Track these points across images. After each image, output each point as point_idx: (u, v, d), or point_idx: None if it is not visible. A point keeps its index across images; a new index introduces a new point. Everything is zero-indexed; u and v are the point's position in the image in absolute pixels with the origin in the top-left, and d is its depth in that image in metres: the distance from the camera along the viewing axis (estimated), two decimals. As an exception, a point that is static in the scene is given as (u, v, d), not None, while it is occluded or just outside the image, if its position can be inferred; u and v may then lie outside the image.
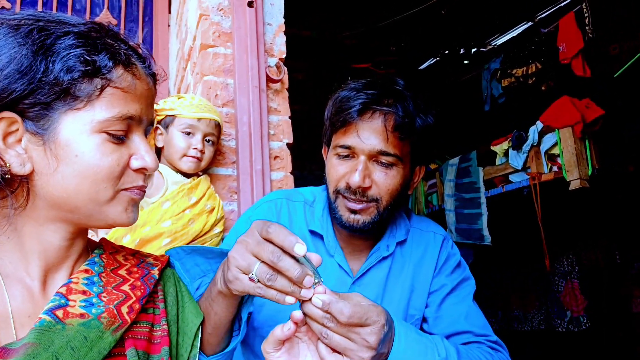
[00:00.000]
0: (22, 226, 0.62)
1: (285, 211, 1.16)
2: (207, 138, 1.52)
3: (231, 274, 0.70)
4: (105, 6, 2.40)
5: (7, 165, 0.58)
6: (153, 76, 0.68)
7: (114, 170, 0.61)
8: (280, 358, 0.74)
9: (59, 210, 0.62)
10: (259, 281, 0.67)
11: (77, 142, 0.59)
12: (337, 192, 1.05)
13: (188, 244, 1.40)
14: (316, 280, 0.68)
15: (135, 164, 0.64)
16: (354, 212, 1.03)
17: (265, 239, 0.68)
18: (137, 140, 0.65)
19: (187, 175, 1.53)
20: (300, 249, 0.65)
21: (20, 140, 0.58)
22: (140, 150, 0.65)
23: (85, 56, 0.58)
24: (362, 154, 1.01)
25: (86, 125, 0.59)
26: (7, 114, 0.57)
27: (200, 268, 0.87)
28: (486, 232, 3.80)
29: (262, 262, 0.67)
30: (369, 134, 1.00)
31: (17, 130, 0.58)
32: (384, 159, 1.01)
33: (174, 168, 1.52)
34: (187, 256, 0.85)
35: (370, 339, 0.71)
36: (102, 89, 0.59)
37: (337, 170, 1.05)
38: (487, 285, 4.72)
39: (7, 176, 0.57)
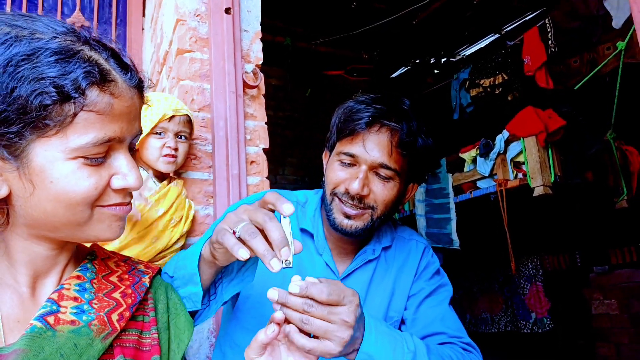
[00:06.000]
0: (9, 240, 0.62)
1: None
2: (180, 135, 1.50)
3: (218, 228, 0.74)
4: (77, 7, 2.36)
5: None
6: (138, 86, 0.63)
7: (91, 194, 0.58)
8: None
9: (39, 229, 0.61)
10: (239, 238, 0.70)
11: (51, 168, 0.56)
12: (334, 194, 1.09)
13: (150, 262, 1.40)
14: (290, 260, 0.69)
15: (116, 183, 0.61)
16: (348, 217, 1.07)
17: (262, 207, 0.74)
18: (119, 158, 0.61)
19: (160, 177, 1.52)
20: (288, 209, 0.70)
21: None
22: (122, 169, 0.61)
23: (55, 81, 0.53)
24: (365, 164, 1.05)
25: (59, 152, 0.56)
26: None
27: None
28: (455, 237, 3.91)
29: (252, 223, 0.71)
30: (374, 146, 1.05)
31: None
32: (383, 172, 1.05)
33: (151, 169, 1.50)
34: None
35: (348, 317, 0.76)
36: (75, 114, 0.55)
37: (338, 174, 1.09)
38: (455, 288, 4.83)
39: None
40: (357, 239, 1.15)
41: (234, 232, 0.72)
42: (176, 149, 1.48)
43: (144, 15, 2.46)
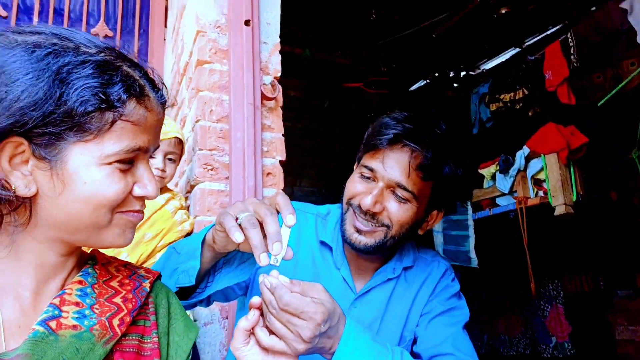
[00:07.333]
0: (21, 242, 0.62)
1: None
2: (169, 156, 1.56)
3: (222, 211, 0.78)
4: (102, 17, 2.41)
5: (13, 187, 0.57)
6: (164, 103, 0.68)
7: (119, 198, 0.62)
8: (252, 350, 0.77)
9: (59, 231, 0.62)
10: (240, 225, 0.74)
11: (85, 171, 0.59)
12: (350, 204, 1.09)
13: None
14: (277, 258, 0.73)
15: (138, 191, 0.65)
16: (358, 231, 1.06)
17: (271, 205, 0.77)
18: (142, 168, 0.66)
19: None
20: (291, 220, 0.74)
21: (27, 162, 0.58)
22: (144, 179, 0.66)
23: (100, 90, 0.58)
24: (382, 181, 1.04)
25: (94, 158, 0.59)
26: (15, 138, 0.57)
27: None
28: (473, 255, 3.84)
29: (255, 214, 0.75)
30: (393, 164, 1.03)
31: (24, 152, 0.58)
32: (400, 192, 1.03)
33: None
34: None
35: (303, 332, 0.75)
36: (113, 122, 0.59)
37: (355, 187, 1.08)
38: (473, 308, 4.73)
39: (11, 198, 0.58)
40: (376, 257, 1.12)
41: (237, 219, 0.75)
42: (164, 170, 1.52)
43: (165, 26, 2.50)
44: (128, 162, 0.63)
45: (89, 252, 0.75)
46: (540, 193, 3.47)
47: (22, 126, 0.55)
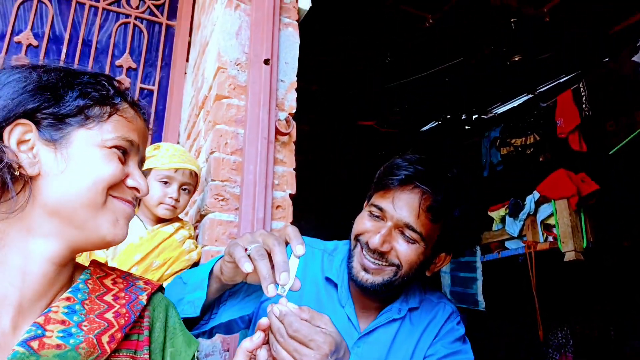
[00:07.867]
0: (12, 238, 0.62)
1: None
2: (184, 187, 1.60)
3: (231, 242, 0.79)
4: (127, 50, 2.51)
5: (20, 161, 0.62)
6: (146, 121, 0.78)
7: (116, 177, 0.68)
8: None
9: (54, 217, 0.63)
10: (249, 256, 0.74)
11: (88, 150, 0.67)
12: (358, 240, 1.10)
13: None
14: (285, 288, 0.73)
15: (130, 182, 0.71)
16: (365, 269, 1.06)
17: (280, 236, 0.78)
18: (133, 167, 0.73)
19: (159, 219, 1.59)
20: (300, 249, 0.74)
21: (32, 148, 0.64)
22: (135, 176, 0.72)
23: (100, 88, 0.70)
24: (391, 221, 1.05)
25: (96, 141, 0.68)
26: (24, 121, 0.64)
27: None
28: (480, 298, 3.78)
29: (263, 246, 0.75)
30: (403, 205, 1.04)
31: (30, 140, 0.64)
32: (408, 232, 1.04)
33: (148, 213, 1.58)
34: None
35: None
36: (110, 114, 0.70)
37: (365, 224, 1.09)
38: (479, 353, 4.60)
39: (16, 173, 0.61)
40: (381, 297, 1.12)
41: (246, 250, 0.76)
42: (178, 200, 1.56)
43: (187, 60, 2.60)
44: (123, 153, 0.70)
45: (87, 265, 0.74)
46: (550, 238, 3.45)
47: (32, 103, 0.64)
